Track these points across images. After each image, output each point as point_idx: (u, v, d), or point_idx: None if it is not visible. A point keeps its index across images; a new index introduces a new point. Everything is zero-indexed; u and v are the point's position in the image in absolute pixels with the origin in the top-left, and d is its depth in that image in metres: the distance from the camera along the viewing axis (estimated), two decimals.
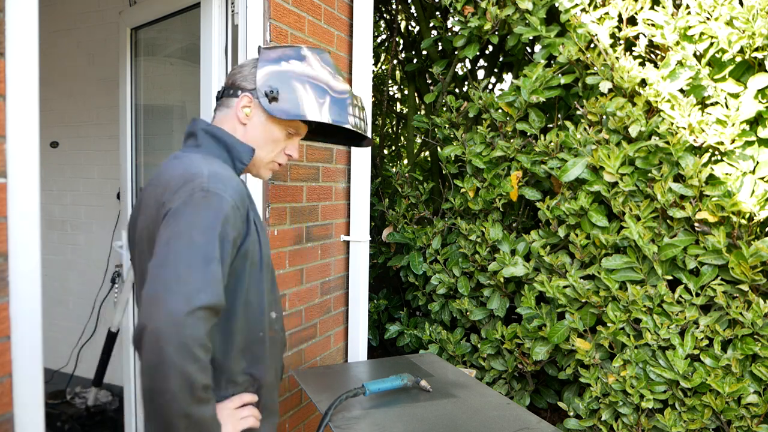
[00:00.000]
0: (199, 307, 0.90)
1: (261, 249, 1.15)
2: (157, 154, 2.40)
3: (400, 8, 4.08)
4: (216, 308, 0.93)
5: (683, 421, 2.16)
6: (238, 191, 1.07)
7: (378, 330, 3.43)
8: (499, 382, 2.80)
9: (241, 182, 1.11)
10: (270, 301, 1.19)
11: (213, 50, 1.91)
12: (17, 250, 1.08)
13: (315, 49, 1.26)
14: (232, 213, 1.01)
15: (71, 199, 3.63)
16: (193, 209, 0.98)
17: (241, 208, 1.06)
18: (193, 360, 0.89)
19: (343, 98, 1.22)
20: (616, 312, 2.29)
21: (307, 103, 1.18)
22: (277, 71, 1.18)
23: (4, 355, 1.07)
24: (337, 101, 1.21)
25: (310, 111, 1.18)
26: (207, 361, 0.92)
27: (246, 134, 1.20)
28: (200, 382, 0.90)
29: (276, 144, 1.22)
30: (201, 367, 0.90)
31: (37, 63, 1.10)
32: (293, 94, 1.17)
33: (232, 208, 1.02)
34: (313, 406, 2.36)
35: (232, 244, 1.02)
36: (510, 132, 2.79)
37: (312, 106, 1.18)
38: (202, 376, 0.91)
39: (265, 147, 1.21)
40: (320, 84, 1.20)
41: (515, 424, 1.51)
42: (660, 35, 2.31)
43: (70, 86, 3.53)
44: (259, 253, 1.15)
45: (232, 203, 1.02)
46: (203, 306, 0.90)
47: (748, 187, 2.09)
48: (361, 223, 2.51)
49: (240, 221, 1.05)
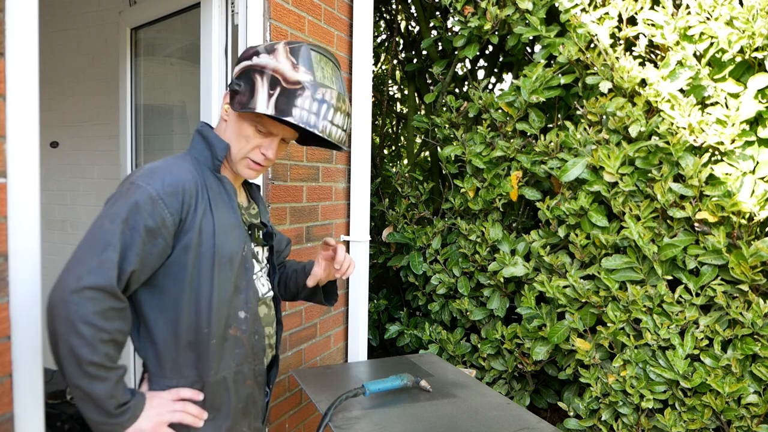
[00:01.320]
0: (86, 287, 0.97)
1: (215, 245, 1.13)
2: (157, 154, 2.40)
3: (400, 8, 4.09)
4: (106, 290, 0.98)
5: (683, 421, 2.16)
6: (173, 184, 1.08)
7: (378, 330, 3.43)
8: (499, 382, 2.80)
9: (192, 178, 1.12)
10: (232, 299, 1.17)
11: (213, 50, 1.91)
12: (17, 250, 1.08)
13: (293, 42, 1.17)
14: (146, 203, 1.04)
15: (71, 199, 3.63)
16: (114, 200, 1.06)
17: (169, 200, 1.06)
18: (77, 336, 0.96)
19: (293, 89, 1.10)
20: (616, 312, 2.29)
21: (260, 96, 1.12)
22: (247, 66, 1.16)
23: (4, 355, 1.07)
24: (287, 92, 1.10)
25: (260, 103, 1.11)
26: (96, 339, 0.97)
27: (226, 130, 1.20)
28: (86, 358, 0.96)
29: (247, 141, 1.18)
30: (87, 343, 0.96)
31: (37, 63, 1.10)
32: (252, 88, 1.13)
33: (148, 198, 1.04)
34: (313, 406, 2.36)
35: (149, 233, 1.04)
36: (510, 132, 2.79)
37: (263, 99, 1.11)
38: (87, 351, 0.96)
39: (237, 143, 1.19)
40: (276, 75, 1.12)
41: (515, 424, 1.51)
42: (660, 35, 2.31)
43: (70, 86, 3.53)
44: (212, 249, 1.12)
45: (149, 194, 1.05)
46: (90, 286, 0.97)
47: (748, 187, 2.09)
48: (361, 223, 2.51)
49: (167, 212, 1.06)
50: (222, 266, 1.14)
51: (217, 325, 1.14)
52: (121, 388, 1.02)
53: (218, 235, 1.14)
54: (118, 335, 1.02)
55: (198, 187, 1.13)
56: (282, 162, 2.08)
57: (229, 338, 1.17)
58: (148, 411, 1.08)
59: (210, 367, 1.15)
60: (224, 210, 1.18)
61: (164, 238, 1.07)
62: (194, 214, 1.11)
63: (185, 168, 1.14)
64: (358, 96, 2.48)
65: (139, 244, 1.03)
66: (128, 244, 1.02)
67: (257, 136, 1.18)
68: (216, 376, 1.16)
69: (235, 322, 1.18)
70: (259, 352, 1.25)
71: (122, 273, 1.01)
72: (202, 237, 1.12)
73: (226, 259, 1.15)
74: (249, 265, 1.22)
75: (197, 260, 1.12)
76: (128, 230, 1.02)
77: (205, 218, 1.13)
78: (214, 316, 1.14)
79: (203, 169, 1.19)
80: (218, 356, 1.16)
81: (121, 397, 1.02)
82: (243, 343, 1.20)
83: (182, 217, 1.09)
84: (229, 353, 1.18)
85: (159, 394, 1.12)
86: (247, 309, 1.20)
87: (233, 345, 1.18)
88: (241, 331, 1.19)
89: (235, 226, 1.19)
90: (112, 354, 1.01)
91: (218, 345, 1.15)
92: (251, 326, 1.21)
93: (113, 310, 1.00)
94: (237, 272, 1.18)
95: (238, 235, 1.19)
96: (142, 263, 1.04)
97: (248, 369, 1.23)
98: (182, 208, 1.09)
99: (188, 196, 1.10)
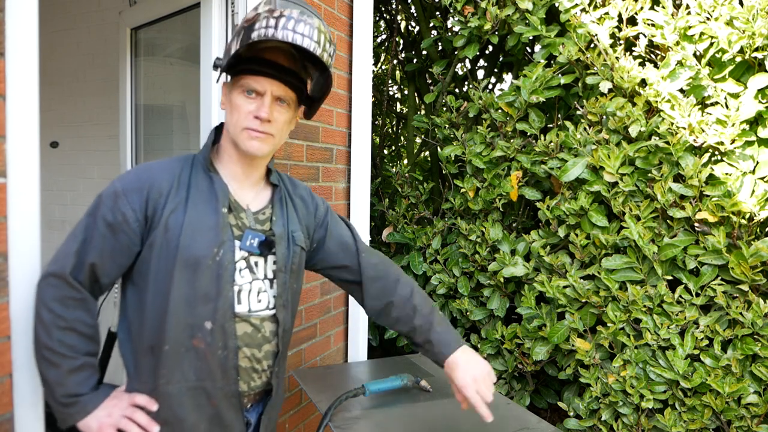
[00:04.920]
0: (49, 273, 1.05)
1: (179, 246, 1.07)
2: (157, 154, 2.40)
3: (400, 8, 4.08)
4: (62, 277, 1.04)
5: (683, 421, 2.16)
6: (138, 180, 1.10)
7: (378, 330, 3.43)
8: (499, 382, 2.80)
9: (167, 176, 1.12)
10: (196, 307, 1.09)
11: (213, 50, 1.91)
12: (17, 250, 1.08)
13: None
14: (108, 198, 1.08)
15: (71, 199, 3.63)
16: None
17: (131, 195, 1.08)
18: (38, 319, 1.04)
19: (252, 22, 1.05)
20: (616, 312, 2.29)
21: (232, 49, 1.10)
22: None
23: (4, 355, 1.07)
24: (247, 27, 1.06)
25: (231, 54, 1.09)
26: (52, 324, 1.03)
27: (227, 112, 1.17)
28: (42, 341, 1.03)
29: (239, 110, 1.12)
30: (44, 327, 1.03)
31: (37, 63, 1.10)
32: (227, 51, 1.13)
33: (112, 193, 1.09)
34: (313, 406, 2.36)
35: (108, 227, 1.07)
36: (510, 132, 2.79)
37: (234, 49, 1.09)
38: (44, 335, 1.03)
39: (233, 116, 1.14)
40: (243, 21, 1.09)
41: (515, 424, 1.51)
42: (660, 35, 2.31)
43: (70, 86, 3.52)
44: (175, 249, 1.07)
45: (114, 190, 1.09)
46: (51, 273, 1.05)
47: (748, 187, 2.09)
48: (361, 223, 2.51)
49: (128, 208, 1.07)
50: (184, 268, 1.08)
51: (173, 330, 1.08)
52: (74, 378, 1.03)
53: (184, 235, 1.08)
54: (78, 325, 1.05)
55: (173, 184, 1.11)
56: (282, 162, 2.08)
57: (191, 349, 1.09)
58: (100, 410, 1.07)
59: (161, 375, 1.09)
60: (203, 210, 1.11)
61: (126, 233, 1.08)
62: (162, 211, 1.09)
63: (168, 166, 1.14)
64: (358, 96, 2.48)
65: (98, 237, 1.07)
66: (88, 237, 1.07)
67: (247, 101, 1.12)
68: (167, 386, 1.09)
69: (199, 332, 1.09)
70: (229, 371, 1.13)
71: (80, 264, 1.06)
72: (168, 235, 1.08)
73: (190, 262, 1.08)
74: (223, 272, 1.11)
75: (159, 258, 1.09)
76: (92, 223, 1.07)
77: (174, 215, 1.09)
78: (171, 320, 1.07)
79: (196, 168, 1.16)
80: (172, 365, 1.09)
81: (73, 388, 1.04)
82: (205, 356, 1.10)
83: (147, 214, 1.09)
84: (188, 365, 1.10)
85: (120, 395, 1.10)
86: (214, 320, 1.10)
87: (194, 357, 1.10)
88: (205, 343, 1.10)
89: (211, 228, 1.11)
90: (70, 342, 1.04)
91: (173, 353, 1.08)
92: (218, 340, 1.11)
93: (72, 300, 1.05)
94: (204, 278, 1.09)
95: (211, 238, 1.10)
96: (102, 256, 1.07)
97: (213, 387, 1.12)
98: (147, 205, 1.08)
99: (154, 193, 1.09)
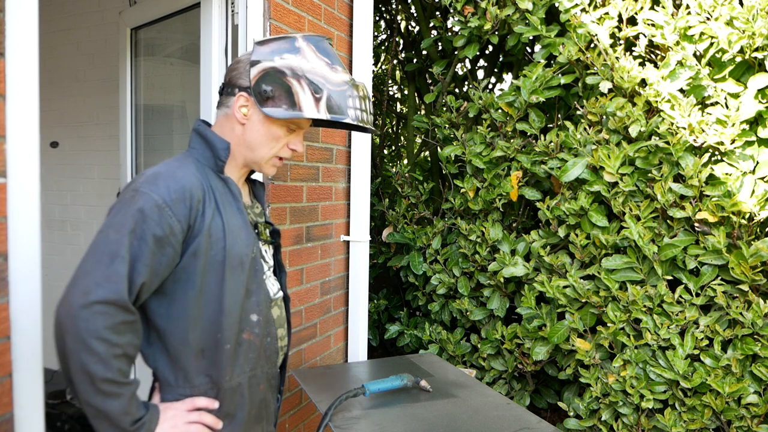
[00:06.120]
0: (96, 301, 0.93)
1: (226, 248, 1.11)
2: (157, 154, 2.40)
3: (400, 8, 4.08)
4: (117, 303, 0.95)
5: (683, 421, 2.16)
6: (179, 190, 1.04)
7: (378, 330, 3.43)
8: (499, 382, 2.80)
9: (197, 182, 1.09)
10: (243, 303, 1.14)
11: (213, 50, 1.91)
12: (17, 250, 1.08)
13: (312, 37, 1.19)
14: (152, 212, 1.00)
15: (71, 199, 3.63)
16: (119, 208, 1.02)
17: (176, 207, 1.03)
18: (90, 353, 0.92)
19: (341, 90, 1.15)
20: (616, 312, 2.29)
21: (303, 100, 1.13)
22: (270, 68, 1.13)
23: (4, 355, 1.06)
24: (336, 94, 1.15)
25: (307, 108, 1.13)
26: (109, 355, 0.94)
27: (245, 134, 1.17)
28: (100, 375, 0.93)
29: (277, 141, 1.19)
30: (99, 360, 0.93)
31: (37, 63, 1.10)
32: (289, 91, 1.13)
33: (154, 206, 1.01)
34: (313, 406, 2.36)
35: (157, 242, 1.01)
36: (510, 132, 2.79)
37: (309, 103, 1.13)
38: (100, 368, 0.93)
39: (266, 145, 1.18)
40: (317, 77, 1.14)
41: (515, 424, 1.51)
42: (660, 35, 2.31)
43: (70, 86, 3.53)
44: (222, 252, 1.10)
45: (155, 202, 1.01)
46: (99, 300, 0.93)
47: (748, 187, 2.09)
48: (361, 223, 2.51)
49: (174, 220, 1.03)
50: (233, 269, 1.12)
51: (230, 330, 1.12)
52: (135, 403, 1.00)
53: (228, 237, 1.11)
54: (129, 349, 0.99)
55: (204, 190, 1.11)
56: None
57: (243, 343, 1.15)
58: (164, 424, 1.05)
59: (225, 373, 1.13)
60: (231, 212, 1.15)
61: (173, 246, 1.04)
62: (202, 218, 1.08)
63: (189, 171, 1.10)
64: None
65: (149, 254, 0.99)
66: (137, 256, 0.98)
67: (285, 134, 1.19)
68: (231, 382, 1.14)
69: (247, 326, 1.16)
70: (272, 355, 1.23)
71: (132, 285, 0.98)
72: (211, 241, 1.09)
73: (237, 262, 1.13)
74: (258, 266, 1.19)
75: (207, 265, 1.09)
76: (136, 240, 0.98)
77: (214, 221, 1.11)
78: (227, 321, 1.11)
79: (206, 171, 1.16)
80: (233, 362, 1.14)
81: (136, 412, 1.00)
82: (256, 346, 1.18)
83: (190, 223, 1.07)
84: (244, 358, 1.16)
85: (173, 405, 1.09)
86: (259, 311, 1.18)
87: (247, 349, 1.16)
88: (254, 334, 1.17)
89: (243, 227, 1.16)
90: (125, 369, 0.98)
91: (232, 350, 1.13)
92: (264, 329, 1.19)
93: (125, 324, 0.97)
94: (248, 274, 1.15)
95: (246, 237, 1.16)
96: (153, 274, 1.01)
97: (261, 373, 1.21)
98: (190, 214, 1.06)
99: (195, 201, 1.07)
